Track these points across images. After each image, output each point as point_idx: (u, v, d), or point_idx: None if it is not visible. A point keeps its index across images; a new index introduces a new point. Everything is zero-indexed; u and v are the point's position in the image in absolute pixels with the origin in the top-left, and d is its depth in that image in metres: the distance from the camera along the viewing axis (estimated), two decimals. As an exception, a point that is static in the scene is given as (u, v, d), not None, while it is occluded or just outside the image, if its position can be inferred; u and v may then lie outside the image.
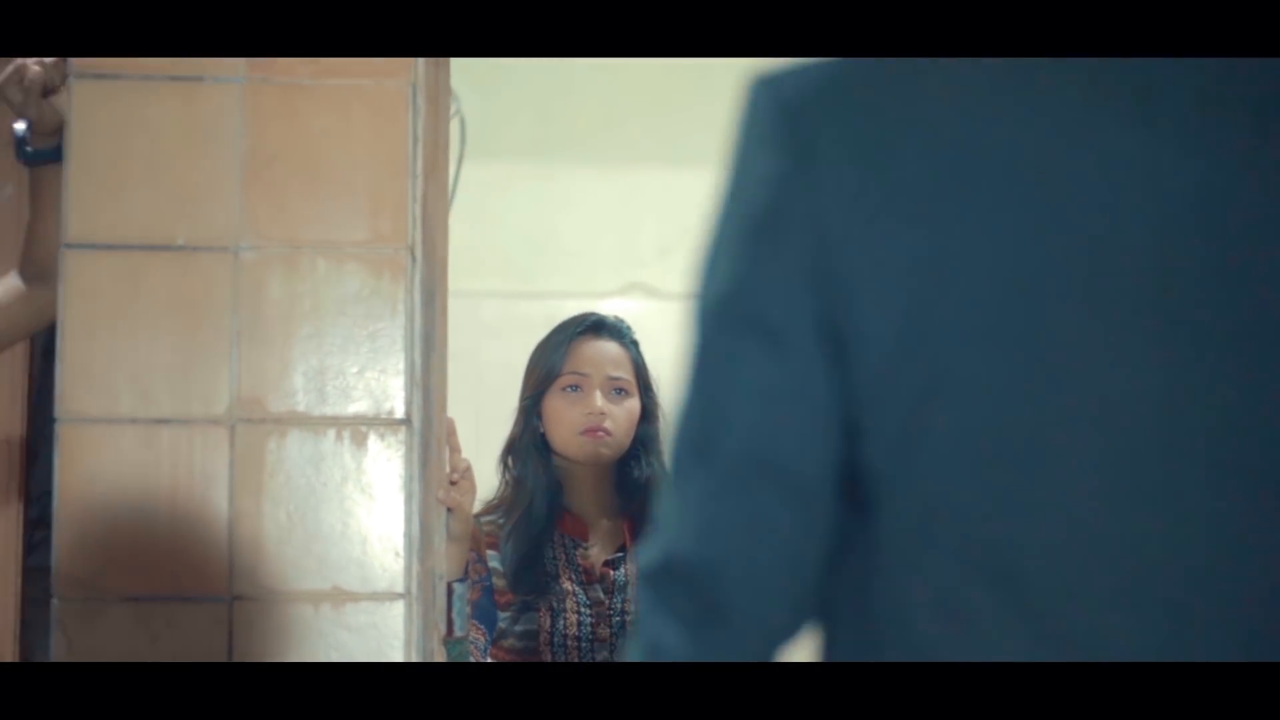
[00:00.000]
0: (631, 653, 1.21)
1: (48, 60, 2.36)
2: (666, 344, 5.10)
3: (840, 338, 1.10)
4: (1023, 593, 1.08)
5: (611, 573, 2.80)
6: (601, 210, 5.13)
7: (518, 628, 2.74)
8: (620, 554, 2.82)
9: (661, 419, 2.89)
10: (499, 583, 2.77)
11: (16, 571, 3.61)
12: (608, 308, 5.15)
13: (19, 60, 2.35)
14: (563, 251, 5.12)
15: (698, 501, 1.15)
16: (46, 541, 2.30)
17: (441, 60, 2.48)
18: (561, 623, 2.73)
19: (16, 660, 3.53)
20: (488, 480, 3.03)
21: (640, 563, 1.21)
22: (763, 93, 1.18)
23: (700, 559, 1.15)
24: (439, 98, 2.46)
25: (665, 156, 4.95)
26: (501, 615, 2.75)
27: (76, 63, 2.29)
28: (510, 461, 2.87)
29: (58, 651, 2.24)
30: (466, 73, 4.34)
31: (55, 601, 2.25)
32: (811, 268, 1.11)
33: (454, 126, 4.41)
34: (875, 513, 1.12)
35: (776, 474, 1.12)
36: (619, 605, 2.77)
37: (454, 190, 4.79)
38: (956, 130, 1.11)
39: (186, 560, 2.26)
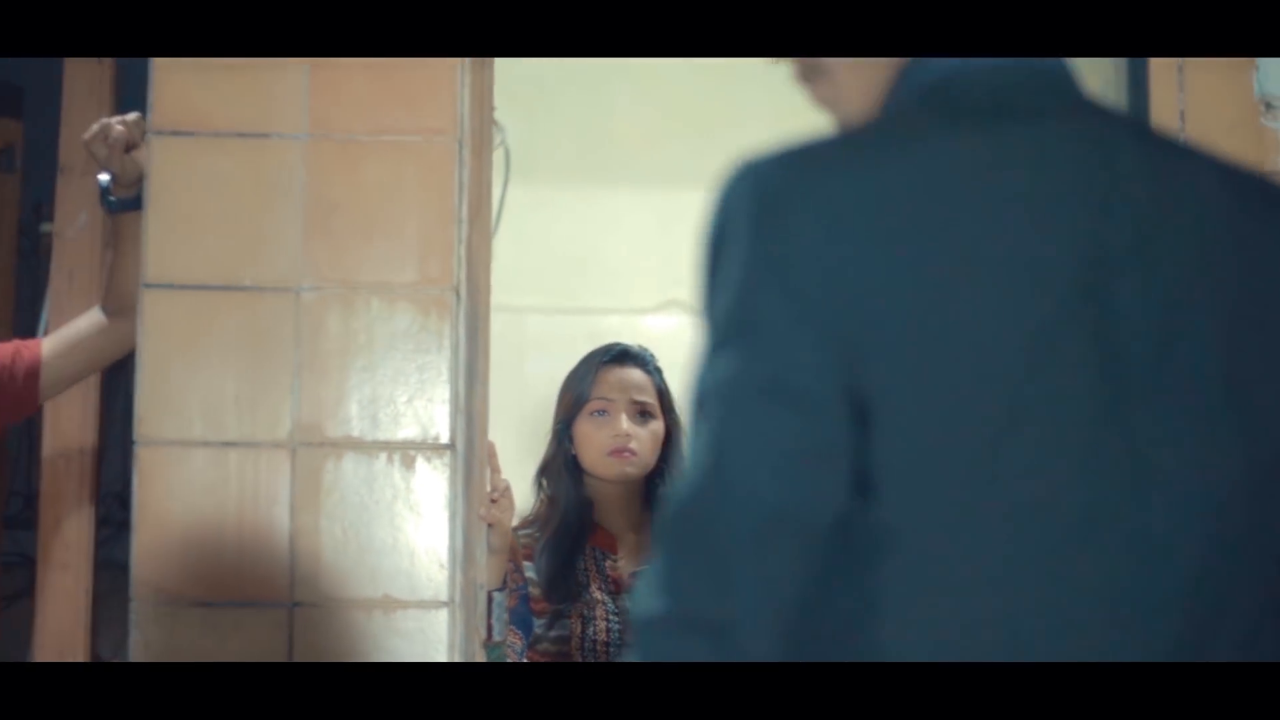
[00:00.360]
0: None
1: (129, 119, 2.65)
2: (703, 359, 5.39)
3: (860, 401, 1.24)
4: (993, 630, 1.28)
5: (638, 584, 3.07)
6: (641, 230, 5.38)
7: (552, 633, 3.01)
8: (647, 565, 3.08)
9: (684, 439, 3.15)
10: (535, 591, 3.04)
11: (89, 569, 3.92)
12: (647, 323, 5.44)
13: (104, 120, 2.65)
14: (604, 269, 5.36)
15: (716, 557, 1.24)
16: (111, 539, 2.58)
17: (486, 113, 2.75)
18: (592, 629, 3.00)
19: (88, 650, 3.84)
20: (530, 484, 3.29)
21: (643, 611, 1.29)
22: (745, 180, 1.37)
23: (723, 615, 1.23)
24: (482, 150, 2.73)
25: (702, 178, 5.18)
26: (537, 621, 3.03)
27: (155, 121, 2.58)
28: (545, 481, 3.14)
29: (135, 651, 2.53)
30: (511, 99, 4.61)
31: (133, 605, 2.54)
32: (829, 337, 1.26)
33: (498, 155, 4.70)
34: (878, 559, 1.25)
35: (798, 531, 1.23)
36: (645, 613, 3.04)
37: (499, 212, 5.08)
38: (929, 216, 1.29)
39: (252, 570, 2.55)
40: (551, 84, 5.09)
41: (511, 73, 4.29)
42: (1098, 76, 2.77)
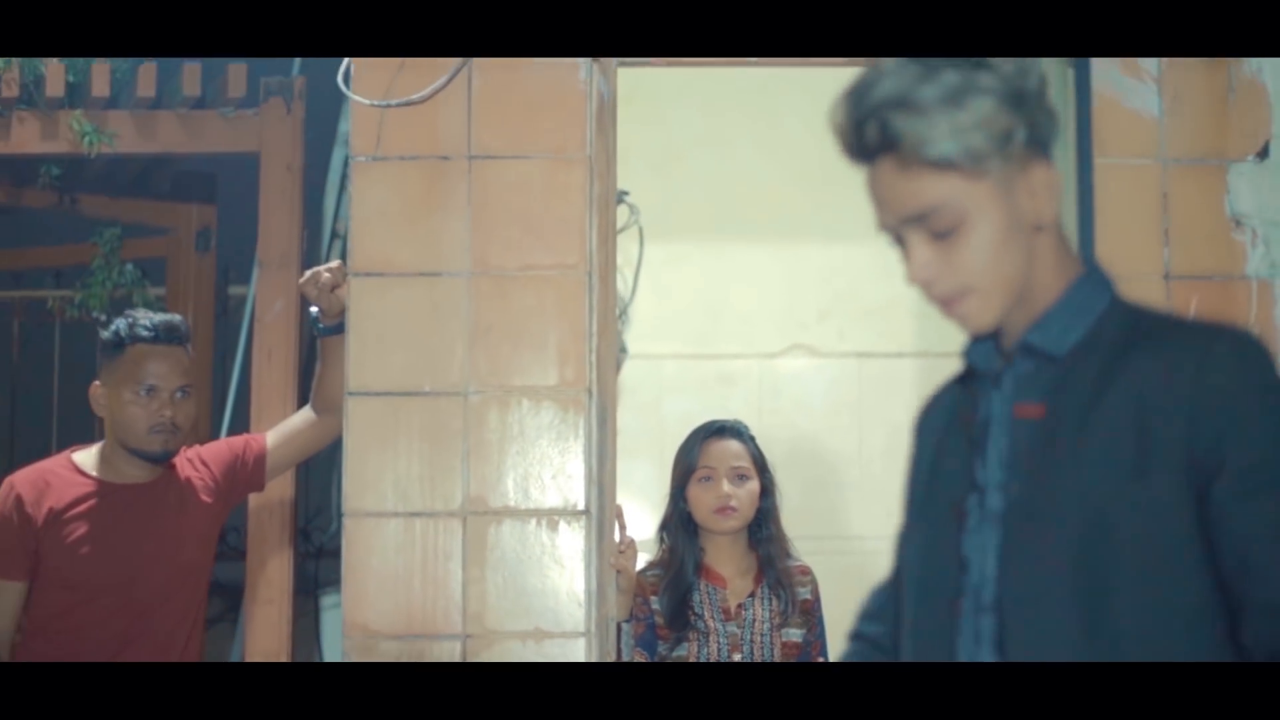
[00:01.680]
0: None
1: (333, 266, 3.63)
2: (825, 397, 6.28)
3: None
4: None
5: (744, 612, 3.97)
6: (766, 279, 6.24)
7: (673, 654, 3.93)
8: (750, 598, 3.99)
9: (777, 493, 4.06)
10: (659, 620, 3.96)
11: (289, 602, 4.97)
12: (773, 366, 6.33)
13: (314, 269, 3.64)
14: (733, 317, 6.26)
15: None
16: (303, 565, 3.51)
17: (610, 248, 3.69)
18: (705, 651, 3.91)
19: (289, 646, 4.89)
20: (660, 502, 4.18)
21: None
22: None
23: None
24: (607, 277, 3.67)
25: (822, 231, 6.05)
26: (661, 645, 3.94)
27: (353, 266, 3.56)
28: (665, 535, 4.06)
29: (347, 674, 3.50)
30: (644, 162, 5.52)
31: (345, 639, 3.52)
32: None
33: (630, 218, 5.61)
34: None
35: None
36: (749, 636, 3.94)
37: (638, 269, 6.00)
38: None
39: (434, 610, 3.51)
40: (680, 146, 5.99)
41: (643, 138, 5.21)
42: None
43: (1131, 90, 3.57)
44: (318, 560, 6.17)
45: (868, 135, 1.98)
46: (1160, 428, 1.93)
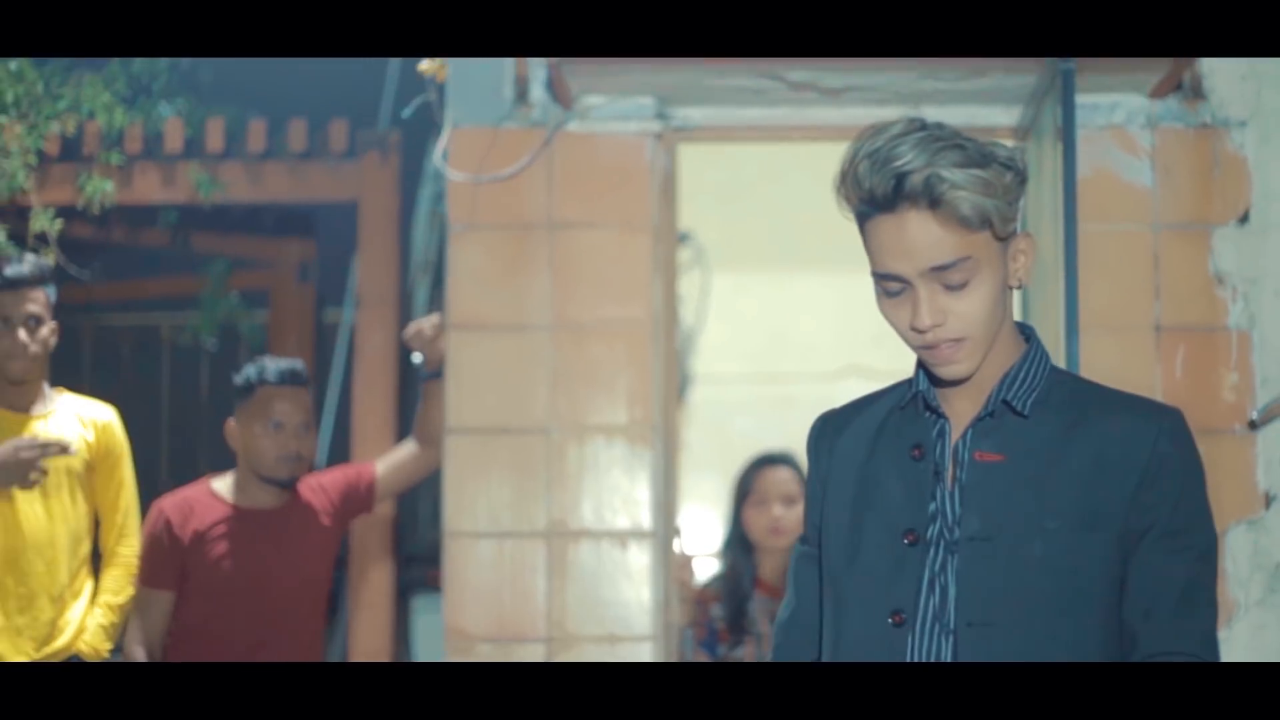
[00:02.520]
0: None
1: (434, 320, 4.36)
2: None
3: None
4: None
5: (795, 620, 4.69)
6: (823, 306, 6.90)
7: (731, 656, 4.63)
8: (800, 608, 4.69)
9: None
10: (720, 626, 4.66)
11: (390, 607, 5.70)
12: (831, 388, 6.99)
13: (418, 322, 4.36)
14: (794, 342, 6.94)
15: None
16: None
17: (672, 305, 4.39)
18: (760, 653, 4.60)
19: (391, 647, 5.62)
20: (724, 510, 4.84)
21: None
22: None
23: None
24: (671, 329, 4.37)
25: (876, 260, 6.69)
26: (721, 646, 4.64)
27: (451, 320, 4.28)
28: (725, 553, 4.76)
29: (448, 672, 4.23)
30: (709, 197, 6.18)
31: (446, 642, 4.24)
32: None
33: (693, 251, 6.28)
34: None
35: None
36: (800, 642, 4.65)
37: (705, 298, 6.68)
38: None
39: (522, 618, 4.23)
40: (742, 183, 6.66)
41: (708, 176, 5.88)
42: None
43: (1126, 164, 4.24)
44: (408, 567, 6.90)
45: (907, 188, 2.20)
46: (1114, 486, 2.25)
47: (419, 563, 6.83)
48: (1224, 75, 4.25)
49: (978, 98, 4.31)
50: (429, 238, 6.68)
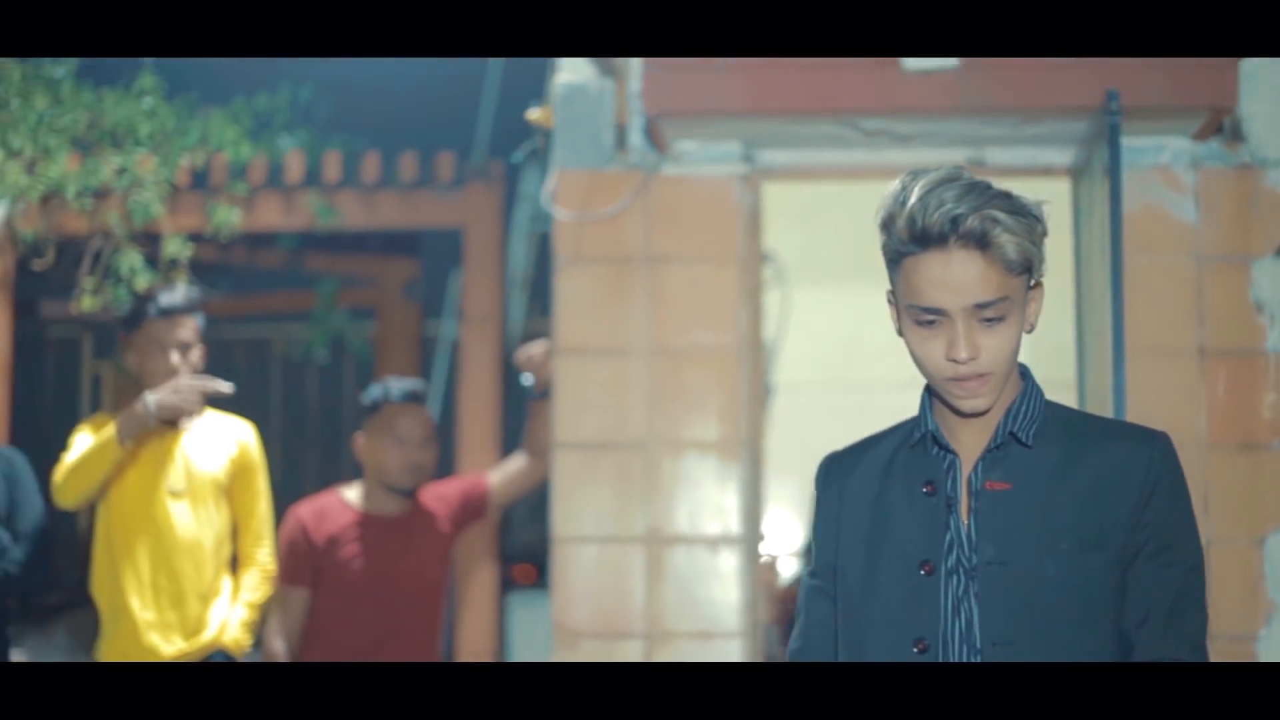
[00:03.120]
0: None
1: (544, 345, 4.87)
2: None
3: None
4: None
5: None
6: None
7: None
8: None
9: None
10: (801, 622, 5.16)
11: (494, 604, 6.22)
12: (901, 395, 7.45)
13: (529, 346, 4.87)
14: (867, 351, 7.40)
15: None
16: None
17: (757, 331, 4.87)
18: (838, 647, 5.10)
19: (496, 657, 6.13)
20: (805, 511, 5.35)
21: None
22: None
23: None
24: (756, 352, 4.86)
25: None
26: (803, 642, 5.14)
27: (558, 345, 4.78)
28: (806, 554, 5.24)
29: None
30: (789, 218, 6.65)
31: (554, 637, 4.75)
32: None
33: (773, 272, 6.75)
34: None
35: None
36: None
37: (784, 313, 7.15)
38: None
39: (622, 614, 4.74)
40: (818, 204, 7.12)
41: (788, 198, 6.35)
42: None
43: (1172, 201, 4.69)
44: (506, 566, 7.43)
45: (963, 228, 2.38)
46: (1114, 507, 2.46)
47: (512, 562, 7.37)
48: (1261, 119, 4.69)
49: (1035, 141, 4.78)
50: (525, 256, 7.22)
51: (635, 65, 4.76)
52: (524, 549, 7.87)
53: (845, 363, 7.48)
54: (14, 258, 6.31)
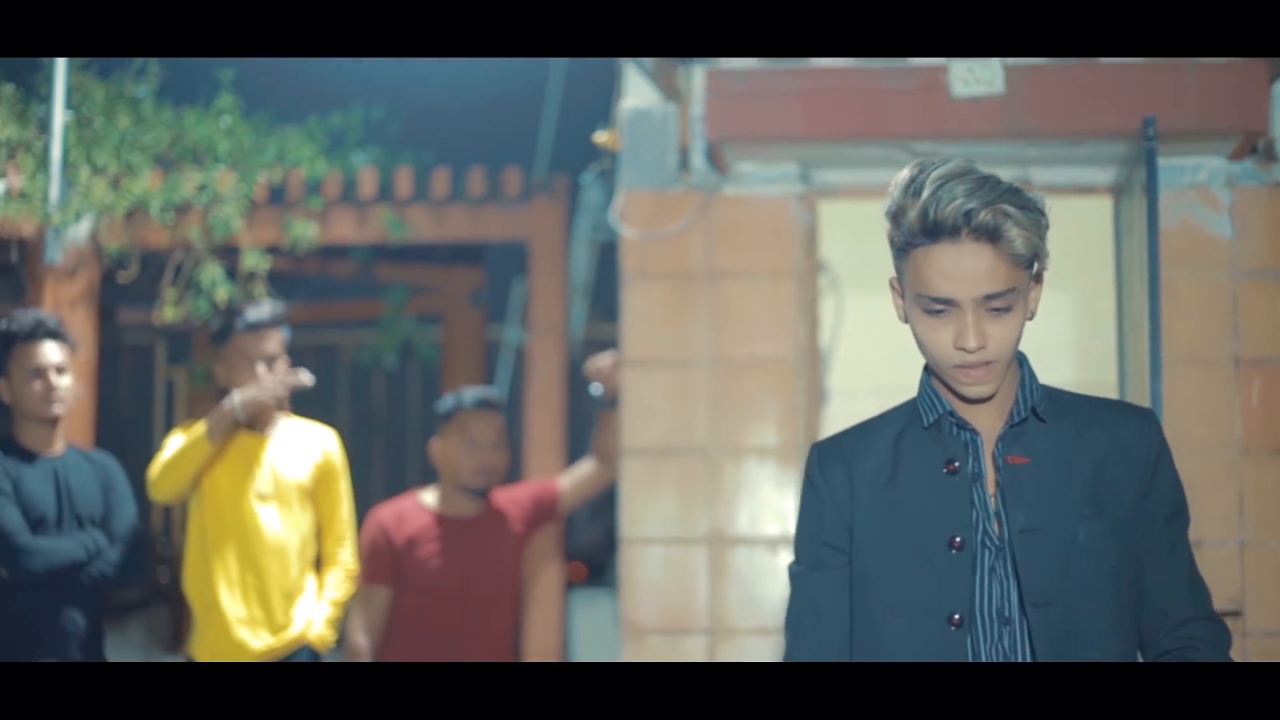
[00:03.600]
0: None
1: (611, 356, 5.18)
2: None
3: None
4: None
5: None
6: (948, 325, 7.61)
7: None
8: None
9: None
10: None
11: (560, 602, 6.54)
12: (954, 399, 7.77)
13: (599, 357, 5.19)
14: (915, 357, 7.66)
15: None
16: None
17: (814, 342, 5.18)
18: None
19: (561, 655, 6.45)
20: None
21: None
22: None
23: None
24: (814, 365, 5.16)
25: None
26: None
27: (624, 357, 5.10)
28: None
29: (626, 657, 5.05)
30: (843, 230, 6.94)
31: (622, 632, 5.07)
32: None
33: (828, 283, 7.05)
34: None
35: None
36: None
37: (838, 321, 7.44)
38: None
39: (686, 611, 5.05)
40: (873, 215, 7.39)
41: (841, 211, 6.65)
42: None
43: (1209, 218, 4.97)
44: (567, 564, 7.76)
45: (975, 221, 2.48)
46: (1126, 477, 2.63)
47: (576, 560, 7.70)
48: (1294, 141, 4.98)
49: (1077, 161, 5.07)
50: (586, 264, 7.55)
51: (697, 91, 5.08)
52: (580, 549, 8.21)
53: (896, 368, 7.75)
54: (99, 270, 6.66)
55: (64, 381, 5.09)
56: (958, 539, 2.61)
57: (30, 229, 6.51)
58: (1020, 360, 2.69)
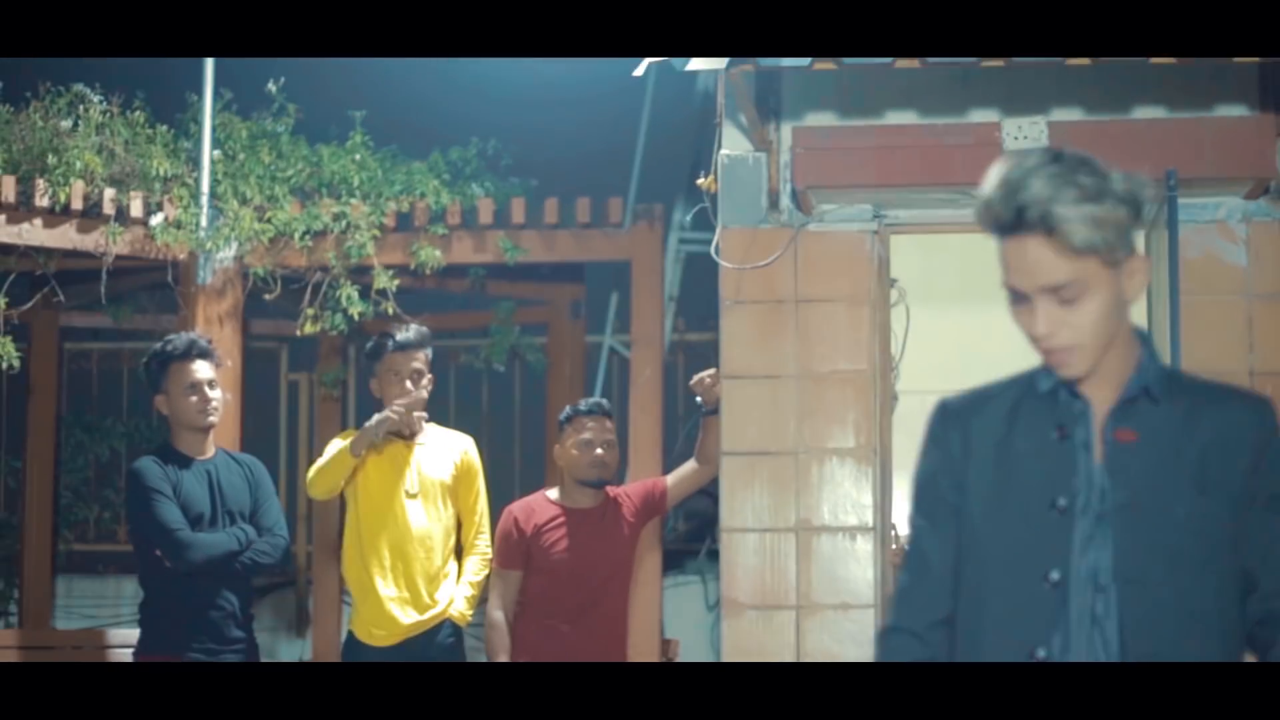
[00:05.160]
0: None
1: (712, 371, 6.19)
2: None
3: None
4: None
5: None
6: (1010, 332, 8.53)
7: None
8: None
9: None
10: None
11: (659, 589, 7.58)
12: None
13: (700, 376, 6.20)
14: (984, 363, 8.51)
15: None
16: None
17: (886, 357, 6.18)
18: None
19: (659, 620, 7.47)
20: None
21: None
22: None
23: None
24: (886, 378, 6.16)
25: (1052, 293, 8.34)
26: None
27: (724, 371, 6.12)
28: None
29: (726, 639, 6.08)
30: (912, 245, 7.88)
31: (721, 608, 6.08)
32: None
33: (897, 293, 8.03)
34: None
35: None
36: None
37: (907, 330, 8.39)
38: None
39: (778, 590, 6.06)
40: (938, 239, 8.34)
41: (912, 237, 7.61)
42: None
43: (1226, 249, 5.94)
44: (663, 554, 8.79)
45: (1027, 218, 2.59)
46: (1233, 460, 2.72)
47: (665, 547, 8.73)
48: (1302, 182, 5.96)
49: (1115, 201, 6.04)
50: (674, 275, 8.58)
51: (785, 142, 6.07)
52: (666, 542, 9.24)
53: (963, 373, 8.63)
54: (244, 290, 7.73)
55: (215, 394, 6.10)
56: (1061, 502, 2.74)
57: (184, 254, 7.59)
58: (1142, 338, 2.82)
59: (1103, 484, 2.74)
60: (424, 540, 6.29)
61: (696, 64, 5.35)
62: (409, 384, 6.28)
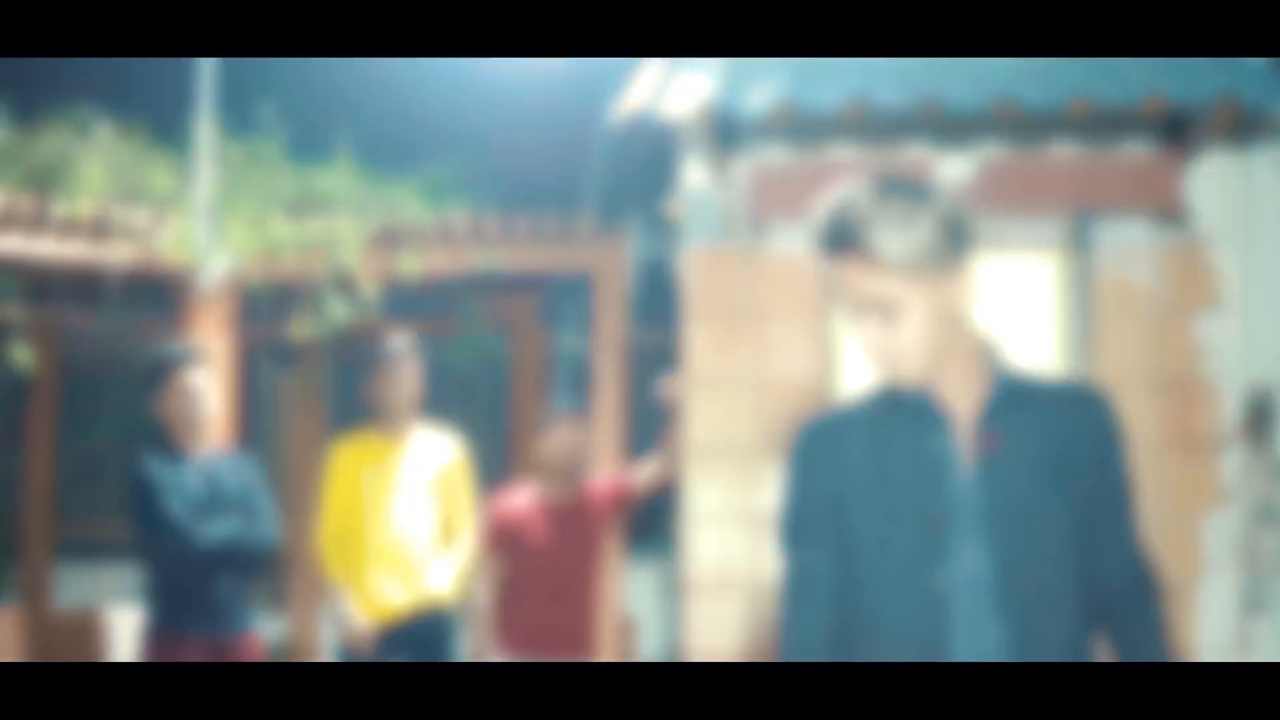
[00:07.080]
0: None
1: (676, 379, 7.04)
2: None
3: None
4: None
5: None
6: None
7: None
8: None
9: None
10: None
11: (624, 564, 8.41)
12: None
13: (663, 381, 7.04)
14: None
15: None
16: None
17: (830, 371, 7.03)
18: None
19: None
20: None
21: None
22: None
23: None
24: (831, 385, 7.01)
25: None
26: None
27: (688, 379, 6.95)
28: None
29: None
30: None
31: (680, 592, 6.93)
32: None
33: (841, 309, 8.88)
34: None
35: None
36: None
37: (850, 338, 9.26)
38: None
39: (775, 569, 6.89)
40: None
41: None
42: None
43: (1138, 270, 6.81)
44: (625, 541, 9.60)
45: (847, 239, 2.81)
46: (1075, 453, 2.90)
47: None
48: (1202, 211, 6.79)
49: (1033, 225, 6.91)
50: (632, 280, 9.39)
51: (744, 176, 6.88)
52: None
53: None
54: (239, 298, 8.47)
55: (210, 398, 6.80)
56: (933, 513, 2.87)
57: (182, 265, 8.33)
58: (993, 347, 2.98)
59: (971, 491, 2.89)
60: (413, 530, 7.13)
61: (668, 110, 6.20)
62: (399, 388, 7.14)
